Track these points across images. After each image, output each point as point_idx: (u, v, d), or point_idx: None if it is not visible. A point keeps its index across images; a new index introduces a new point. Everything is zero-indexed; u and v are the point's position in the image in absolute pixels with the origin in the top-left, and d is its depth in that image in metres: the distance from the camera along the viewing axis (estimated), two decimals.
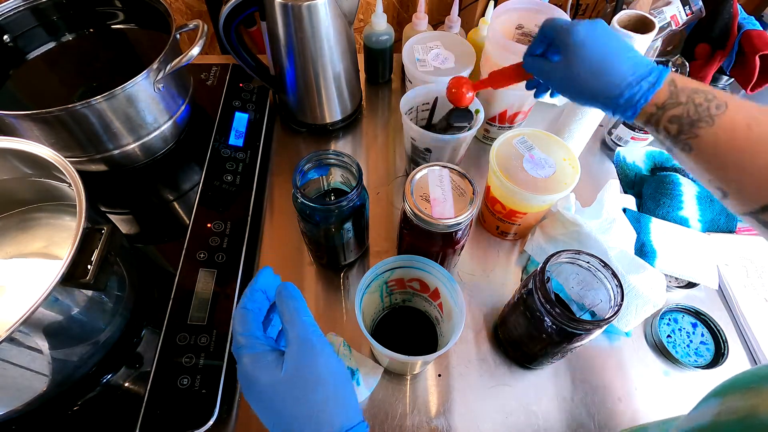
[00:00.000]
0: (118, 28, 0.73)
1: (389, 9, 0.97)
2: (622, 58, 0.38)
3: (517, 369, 0.54)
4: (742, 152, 0.34)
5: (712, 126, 0.35)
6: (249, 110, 0.72)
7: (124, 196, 0.68)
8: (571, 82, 0.40)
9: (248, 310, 0.33)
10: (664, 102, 0.37)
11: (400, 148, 0.75)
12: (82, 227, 0.42)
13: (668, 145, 0.38)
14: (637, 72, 0.38)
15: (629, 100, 0.38)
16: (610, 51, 0.38)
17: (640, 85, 0.37)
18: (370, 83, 0.85)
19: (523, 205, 0.57)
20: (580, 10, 0.94)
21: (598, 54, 0.38)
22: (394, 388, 0.53)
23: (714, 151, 0.35)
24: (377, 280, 0.49)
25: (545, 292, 0.42)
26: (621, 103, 0.38)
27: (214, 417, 0.46)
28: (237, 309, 0.34)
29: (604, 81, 0.38)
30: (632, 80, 0.37)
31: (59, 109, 0.52)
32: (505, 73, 0.50)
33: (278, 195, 0.69)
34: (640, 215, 0.63)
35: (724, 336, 0.56)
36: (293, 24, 0.60)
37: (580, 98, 0.41)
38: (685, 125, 0.36)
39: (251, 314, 0.33)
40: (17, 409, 0.45)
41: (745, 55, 0.68)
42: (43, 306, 0.38)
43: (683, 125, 0.36)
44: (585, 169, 0.56)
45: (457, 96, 0.54)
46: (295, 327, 0.32)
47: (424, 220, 0.46)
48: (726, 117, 0.34)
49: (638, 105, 0.37)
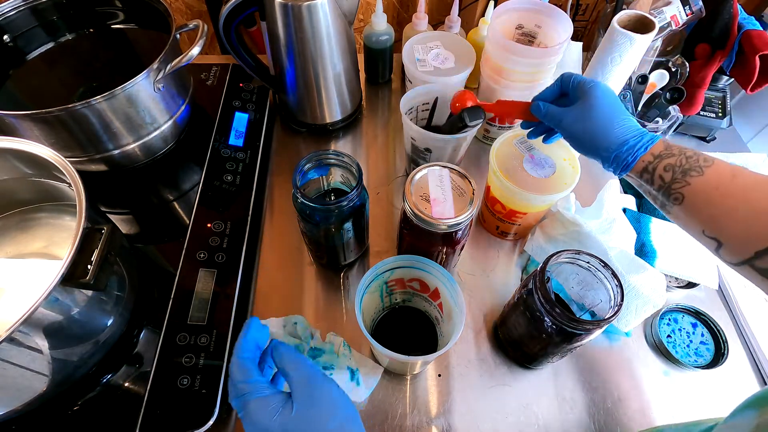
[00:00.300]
0: (118, 28, 0.73)
1: (389, 9, 0.97)
2: (627, 117, 0.44)
3: (517, 369, 0.54)
4: (731, 197, 0.36)
5: (702, 175, 0.38)
6: (249, 110, 0.72)
7: (124, 196, 0.68)
8: (581, 128, 0.45)
9: (245, 359, 0.34)
10: (659, 152, 0.41)
11: (400, 148, 0.75)
12: (82, 227, 0.42)
13: (661, 199, 0.42)
14: (640, 130, 0.43)
15: (631, 149, 0.42)
16: (620, 110, 0.45)
17: (642, 136, 0.42)
18: (370, 83, 0.85)
19: (523, 205, 0.57)
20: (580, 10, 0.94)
21: (612, 109, 0.44)
22: (394, 388, 0.53)
23: (705, 198, 0.38)
24: (377, 280, 0.49)
25: (545, 292, 0.42)
26: (623, 150, 0.42)
27: (214, 417, 0.46)
28: (233, 360, 0.34)
29: (613, 130, 0.43)
30: (636, 133, 0.43)
31: (59, 109, 0.52)
32: (513, 106, 0.53)
33: (278, 195, 0.69)
34: (640, 215, 0.63)
35: (724, 336, 0.56)
36: (293, 24, 0.60)
37: (585, 144, 0.46)
38: (677, 173, 0.40)
39: (249, 362, 0.34)
40: (17, 409, 0.45)
41: (745, 55, 0.68)
42: (43, 306, 0.38)
43: (676, 173, 0.40)
44: (585, 169, 0.56)
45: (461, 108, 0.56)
46: (300, 368, 0.33)
47: (424, 220, 0.46)
48: (713, 168, 0.38)
49: (638, 153, 0.42)
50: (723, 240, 0.37)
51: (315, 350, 0.53)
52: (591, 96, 0.44)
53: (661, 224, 0.62)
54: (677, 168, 0.40)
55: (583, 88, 0.46)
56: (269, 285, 0.60)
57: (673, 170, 0.40)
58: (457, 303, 0.45)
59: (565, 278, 0.52)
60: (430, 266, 0.47)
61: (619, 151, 0.43)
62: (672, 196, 0.40)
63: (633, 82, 0.67)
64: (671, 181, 0.40)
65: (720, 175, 0.38)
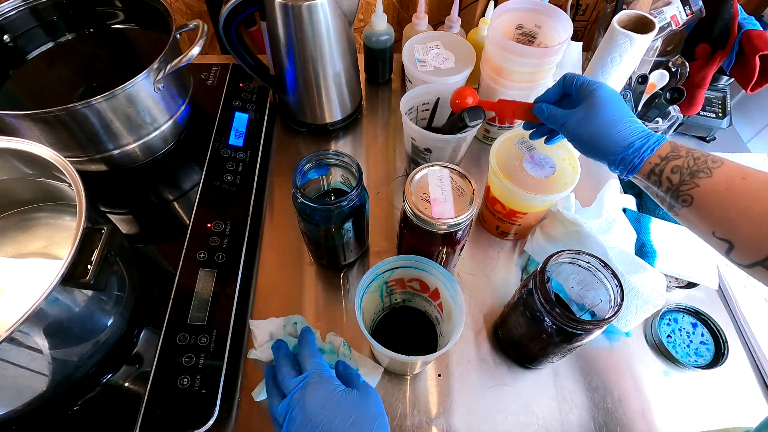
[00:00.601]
0: (118, 28, 0.73)
1: (389, 9, 0.97)
2: (633, 119, 0.43)
3: (517, 369, 0.54)
4: (742, 197, 0.36)
5: (710, 177, 0.38)
6: (249, 110, 0.72)
7: (124, 196, 0.68)
8: (586, 131, 0.44)
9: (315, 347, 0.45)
10: (667, 154, 0.40)
11: (400, 148, 0.75)
12: (82, 227, 0.42)
13: (669, 201, 0.41)
14: (645, 131, 0.43)
15: (637, 151, 0.42)
16: (625, 111, 0.44)
17: (648, 138, 0.42)
18: (370, 83, 0.85)
19: (523, 205, 0.57)
20: (580, 10, 0.94)
21: (617, 110, 0.43)
22: (394, 388, 0.53)
23: (715, 199, 0.37)
24: (377, 280, 0.49)
25: (545, 292, 0.42)
26: (629, 153, 0.42)
27: (214, 417, 0.46)
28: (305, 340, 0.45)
29: (618, 132, 0.43)
30: (642, 135, 0.42)
31: (59, 109, 0.52)
32: (515, 106, 0.53)
33: (278, 195, 0.69)
34: (640, 215, 0.63)
35: (724, 336, 0.56)
36: (293, 24, 0.60)
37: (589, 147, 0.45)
38: (685, 175, 0.39)
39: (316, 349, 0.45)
40: (17, 409, 0.45)
41: (745, 55, 0.68)
42: (43, 306, 0.38)
43: (684, 175, 0.39)
44: (585, 169, 0.56)
45: (461, 105, 0.56)
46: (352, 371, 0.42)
47: (424, 220, 0.46)
48: (722, 170, 0.38)
49: (644, 155, 0.41)
50: (735, 241, 0.36)
51: None
52: (595, 97, 0.44)
53: (661, 224, 0.62)
54: (685, 170, 0.39)
55: (586, 90, 0.45)
56: (269, 285, 0.60)
57: (681, 172, 0.39)
58: (457, 303, 0.45)
59: (565, 278, 0.52)
60: (430, 266, 0.47)
61: (625, 153, 0.42)
62: (680, 198, 0.39)
63: (633, 82, 0.67)
64: (679, 183, 0.39)
65: (730, 176, 0.37)
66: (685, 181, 0.39)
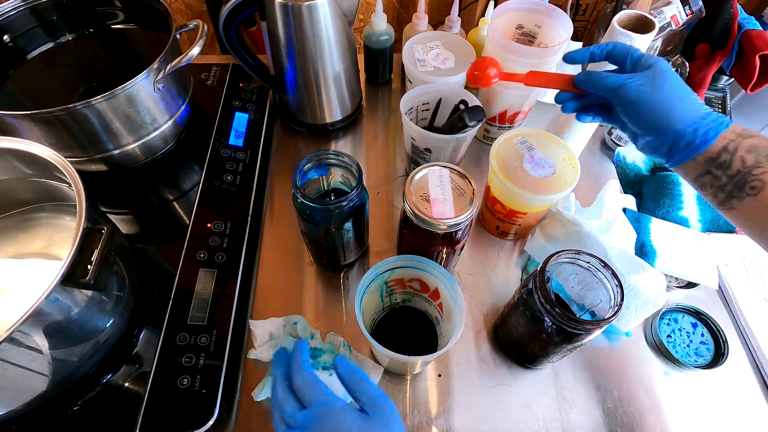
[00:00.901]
0: (118, 28, 0.73)
1: (389, 9, 0.97)
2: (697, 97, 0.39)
3: (517, 369, 0.54)
4: None
5: None
6: (249, 110, 0.72)
7: (124, 196, 0.68)
8: (650, 96, 0.39)
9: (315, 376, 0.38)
10: (741, 131, 0.36)
11: (400, 148, 0.75)
12: (82, 227, 0.42)
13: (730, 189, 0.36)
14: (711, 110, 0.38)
15: (714, 121, 0.37)
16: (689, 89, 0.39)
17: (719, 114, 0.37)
18: (370, 83, 0.85)
19: (523, 205, 0.57)
20: (580, 10, 0.94)
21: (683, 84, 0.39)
22: (394, 388, 0.53)
23: None
24: (377, 280, 0.49)
25: (545, 292, 0.42)
26: (704, 123, 0.37)
27: (214, 417, 0.46)
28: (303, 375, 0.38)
29: (692, 101, 0.38)
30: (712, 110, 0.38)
31: (59, 109, 0.52)
32: (549, 77, 0.48)
33: (278, 195, 0.69)
34: (640, 215, 0.63)
35: (724, 336, 0.56)
36: (293, 24, 0.60)
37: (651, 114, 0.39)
38: (762, 156, 0.34)
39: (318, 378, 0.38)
40: (17, 409, 0.45)
41: (745, 55, 0.68)
42: (43, 306, 0.38)
43: (760, 156, 0.34)
44: (585, 169, 0.56)
45: (481, 77, 0.51)
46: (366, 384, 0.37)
47: (424, 220, 0.46)
48: None
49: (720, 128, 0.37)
50: None
51: (315, 350, 0.53)
52: (659, 68, 0.39)
53: (661, 224, 0.62)
54: (762, 150, 0.34)
55: (646, 61, 0.40)
56: (269, 285, 0.60)
57: (757, 152, 0.34)
58: (457, 303, 0.45)
59: (565, 278, 0.52)
60: (430, 266, 0.47)
61: (699, 123, 0.37)
62: (749, 183, 0.34)
63: None
64: (753, 165, 0.34)
65: None
66: (760, 163, 0.34)
